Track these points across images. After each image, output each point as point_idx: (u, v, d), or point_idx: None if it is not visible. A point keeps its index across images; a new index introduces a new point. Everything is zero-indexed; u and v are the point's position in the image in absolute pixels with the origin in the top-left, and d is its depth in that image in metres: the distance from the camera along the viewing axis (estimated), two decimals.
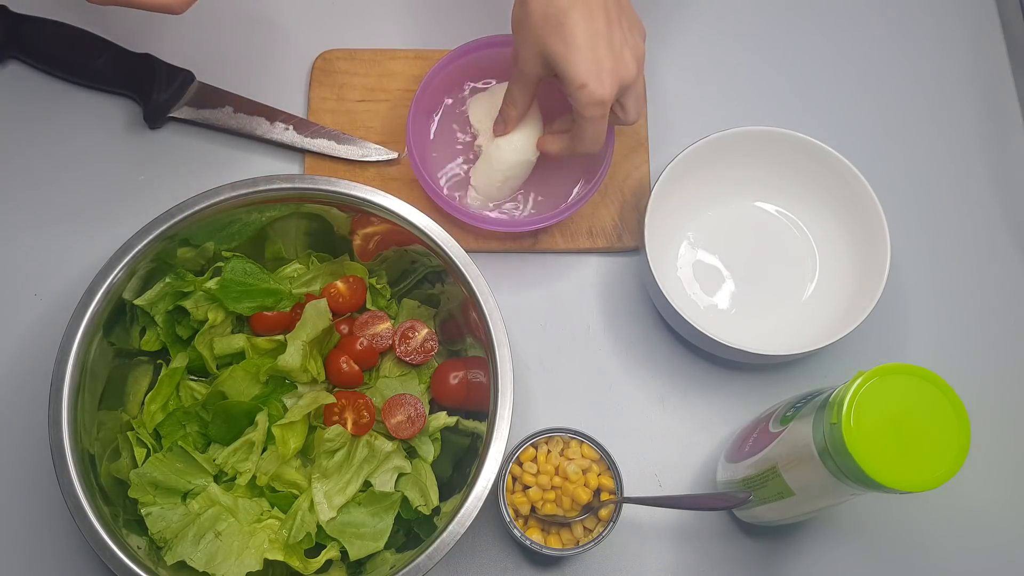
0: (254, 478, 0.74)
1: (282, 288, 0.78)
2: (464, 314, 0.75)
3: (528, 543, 0.72)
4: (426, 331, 0.78)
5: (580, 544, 0.73)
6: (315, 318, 0.74)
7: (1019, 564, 0.79)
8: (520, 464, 0.74)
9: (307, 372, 0.75)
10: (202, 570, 0.69)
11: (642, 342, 0.84)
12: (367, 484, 0.74)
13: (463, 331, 0.77)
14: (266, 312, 0.77)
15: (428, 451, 0.76)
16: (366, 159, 0.87)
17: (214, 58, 0.90)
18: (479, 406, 0.72)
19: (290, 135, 0.87)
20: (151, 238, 0.71)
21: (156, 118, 0.86)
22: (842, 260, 0.83)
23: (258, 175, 0.74)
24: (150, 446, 0.74)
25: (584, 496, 0.72)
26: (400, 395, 0.76)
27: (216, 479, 0.74)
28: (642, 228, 0.79)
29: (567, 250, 0.86)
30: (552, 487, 0.73)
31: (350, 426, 0.74)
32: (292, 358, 0.73)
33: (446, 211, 0.82)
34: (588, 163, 0.85)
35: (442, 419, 0.76)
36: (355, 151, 0.87)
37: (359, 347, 0.76)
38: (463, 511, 0.66)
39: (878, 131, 0.91)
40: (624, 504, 0.72)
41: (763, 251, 0.85)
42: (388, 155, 0.87)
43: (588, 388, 0.83)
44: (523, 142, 0.81)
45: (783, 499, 0.68)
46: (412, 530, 0.73)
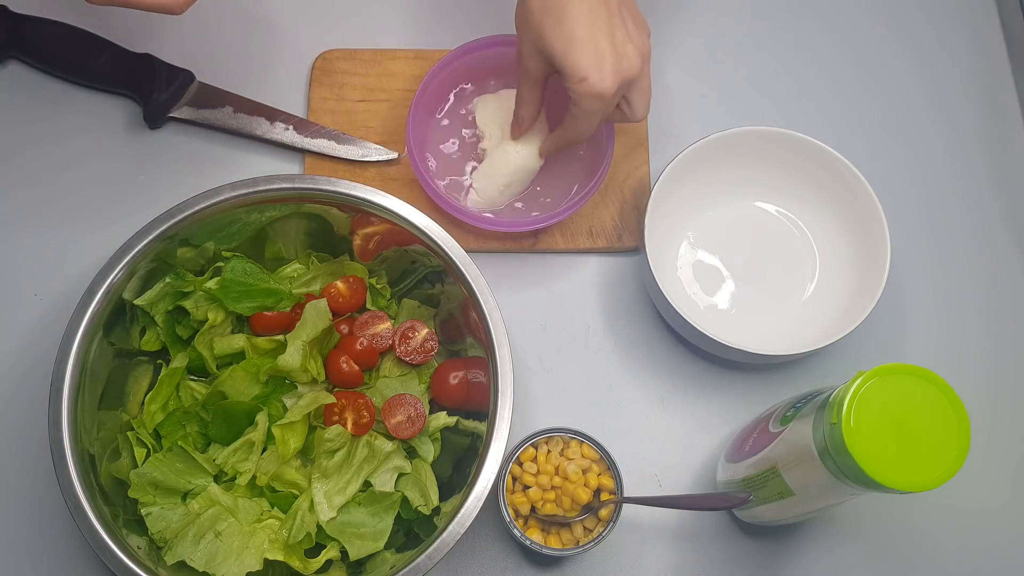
0: (254, 478, 0.74)
1: (282, 288, 0.78)
2: (464, 314, 0.75)
3: (528, 543, 0.72)
4: (426, 331, 0.78)
5: (580, 544, 0.73)
6: (315, 318, 0.74)
7: (1019, 564, 0.79)
8: (520, 464, 0.74)
9: (307, 372, 0.75)
10: (202, 570, 0.69)
11: (642, 342, 0.84)
12: (367, 484, 0.74)
13: (463, 331, 0.76)
14: (266, 312, 0.77)
15: (428, 451, 0.76)
16: (366, 159, 0.87)
17: (214, 58, 0.90)
18: (479, 406, 0.72)
19: (290, 135, 0.87)
20: (151, 238, 0.71)
21: (156, 118, 0.86)
22: (842, 260, 0.83)
23: (258, 175, 0.74)
24: (150, 446, 0.74)
25: (584, 496, 0.72)
26: (400, 395, 0.76)
27: (216, 479, 0.74)
28: (642, 228, 0.79)
29: (567, 250, 0.86)
30: (552, 487, 0.73)
31: (350, 426, 0.74)
32: (292, 358, 0.73)
33: (446, 211, 0.82)
34: (588, 163, 0.85)
35: (442, 419, 0.76)
36: (355, 151, 0.87)
37: (359, 347, 0.76)
38: (463, 511, 0.66)
39: (878, 131, 0.91)
40: (624, 504, 0.72)
41: (763, 251, 0.85)
42: (388, 155, 0.87)
43: (588, 388, 0.83)
44: (529, 148, 0.82)
45: (783, 499, 0.68)
46: (412, 530, 0.73)
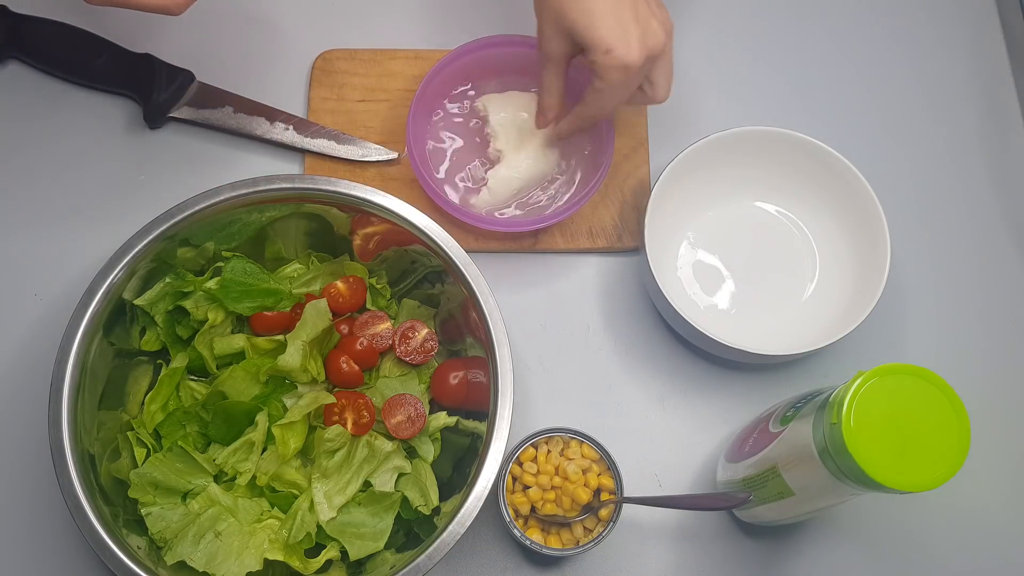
0: (254, 478, 0.74)
1: (282, 288, 0.78)
2: (464, 314, 0.75)
3: (528, 543, 0.72)
4: (426, 331, 0.78)
5: (580, 544, 0.73)
6: (315, 318, 0.74)
7: (1019, 564, 0.79)
8: (520, 464, 0.74)
9: (307, 372, 0.75)
10: (202, 570, 0.69)
11: (642, 342, 0.84)
12: (367, 484, 0.74)
13: (463, 331, 0.76)
14: (266, 312, 0.77)
15: (428, 451, 0.76)
16: (366, 159, 0.87)
17: (214, 58, 0.90)
18: (479, 406, 0.72)
19: (290, 135, 0.87)
20: (151, 238, 0.71)
21: (156, 118, 0.86)
22: (842, 260, 0.83)
23: (258, 175, 0.74)
24: (150, 446, 0.74)
25: (584, 496, 0.72)
26: (400, 395, 0.76)
27: (216, 479, 0.74)
28: (642, 228, 0.79)
29: (567, 250, 0.86)
30: (552, 487, 0.73)
31: (350, 426, 0.74)
32: (292, 358, 0.73)
33: (446, 211, 0.82)
34: (588, 164, 0.85)
35: (442, 419, 0.76)
36: (355, 151, 0.87)
37: (359, 347, 0.76)
38: (463, 511, 0.66)
39: (878, 131, 0.91)
40: (624, 504, 0.72)
41: (763, 251, 0.85)
42: (388, 155, 0.87)
43: (588, 388, 0.83)
44: (547, 153, 0.83)
45: (783, 499, 0.68)
46: (412, 530, 0.73)
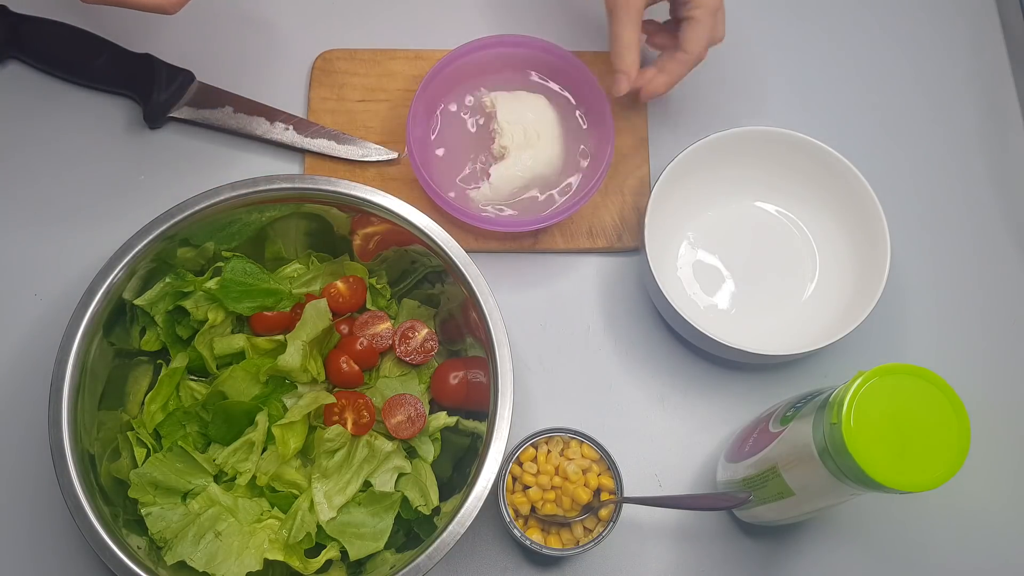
0: (254, 478, 0.74)
1: (282, 288, 0.78)
2: (464, 314, 0.75)
3: (528, 543, 0.72)
4: (426, 331, 0.78)
5: (580, 544, 0.73)
6: (315, 318, 0.74)
7: (1019, 564, 0.79)
8: (520, 464, 0.74)
9: (307, 372, 0.75)
10: (202, 570, 0.69)
11: (642, 342, 0.84)
12: (367, 484, 0.74)
13: (463, 331, 0.76)
14: (266, 312, 0.77)
15: (428, 451, 0.76)
16: (366, 159, 0.87)
17: (214, 58, 0.90)
18: (479, 406, 0.72)
19: (290, 135, 0.87)
20: (151, 238, 0.71)
21: (156, 118, 0.86)
22: (842, 260, 0.83)
23: (258, 175, 0.74)
24: (150, 446, 0.74)
25: (584, 496, 0.72)
26: (400, 395, 0.76)
27: (216, 479, 0.74)
28: (642, 228, 0.79)
29: (567, 250, 0.86)
30: (552, 487, 0.73)
31: (350, 426, 0.74)
32: (292, 358, 0.73)
33: (446, 211, 0.82)
34: (588, 164, 0.85)
35: (442, 419, 0.76)
36: (355, 151, 0.87)
37: (359, 347, 0.76)
38: (463, 511, 0.66)
39: (878, 131, 0.91)
40: (624, 504, 0.72)
41: (763, 251, 0.85)
42: (388, 155, 0.87)
43: (588, 388, 0.83)
44: (552, 157, 0.84)
45: (783, 499, 0.68)
46: (412, 530, 0.73)
